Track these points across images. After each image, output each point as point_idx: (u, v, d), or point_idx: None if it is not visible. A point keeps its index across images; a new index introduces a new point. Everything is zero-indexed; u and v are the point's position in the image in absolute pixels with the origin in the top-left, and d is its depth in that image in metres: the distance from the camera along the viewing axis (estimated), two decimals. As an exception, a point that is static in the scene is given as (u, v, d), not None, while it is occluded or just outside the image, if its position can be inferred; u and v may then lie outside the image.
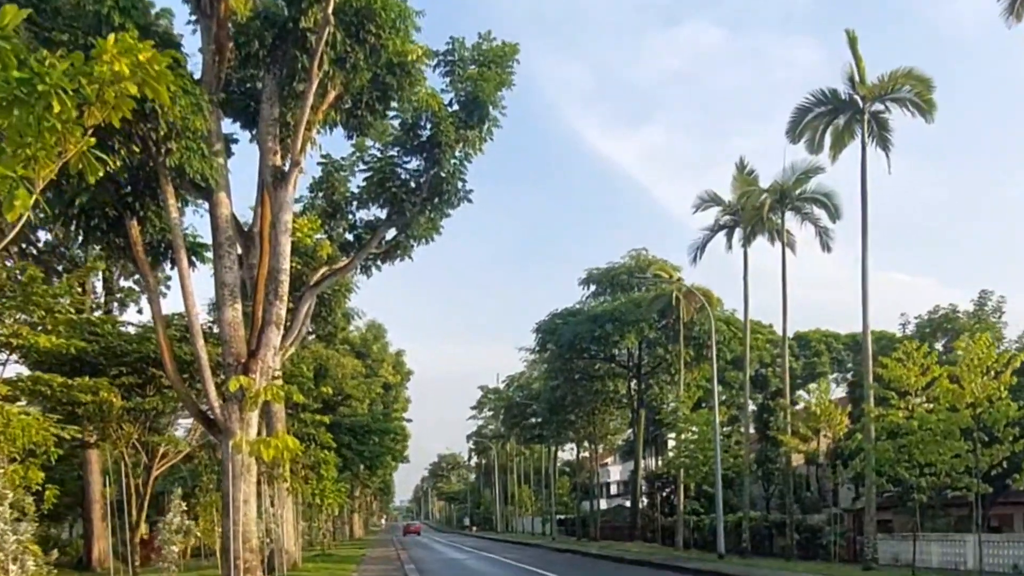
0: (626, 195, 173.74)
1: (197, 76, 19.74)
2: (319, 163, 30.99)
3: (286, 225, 20.26)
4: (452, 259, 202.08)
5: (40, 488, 17.12)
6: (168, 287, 35.62)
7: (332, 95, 21.38)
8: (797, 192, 41.59)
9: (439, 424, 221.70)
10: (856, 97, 36.42)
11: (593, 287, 61.64)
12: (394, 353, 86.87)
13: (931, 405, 27.84)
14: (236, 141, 26.17)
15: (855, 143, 36.22)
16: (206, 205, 20.64)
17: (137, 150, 18.14)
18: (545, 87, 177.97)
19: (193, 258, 22.22)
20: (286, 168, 20.47)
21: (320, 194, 31.50)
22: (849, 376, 66.59)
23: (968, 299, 55.90)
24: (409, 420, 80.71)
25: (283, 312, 20.18)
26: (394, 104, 23.31)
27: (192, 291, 19.14)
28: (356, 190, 29.93)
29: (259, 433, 20.60)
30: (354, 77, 21.71)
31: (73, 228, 19.85)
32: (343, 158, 30.54)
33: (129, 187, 19.38)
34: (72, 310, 25.32)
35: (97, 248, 36.94)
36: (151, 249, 20.99)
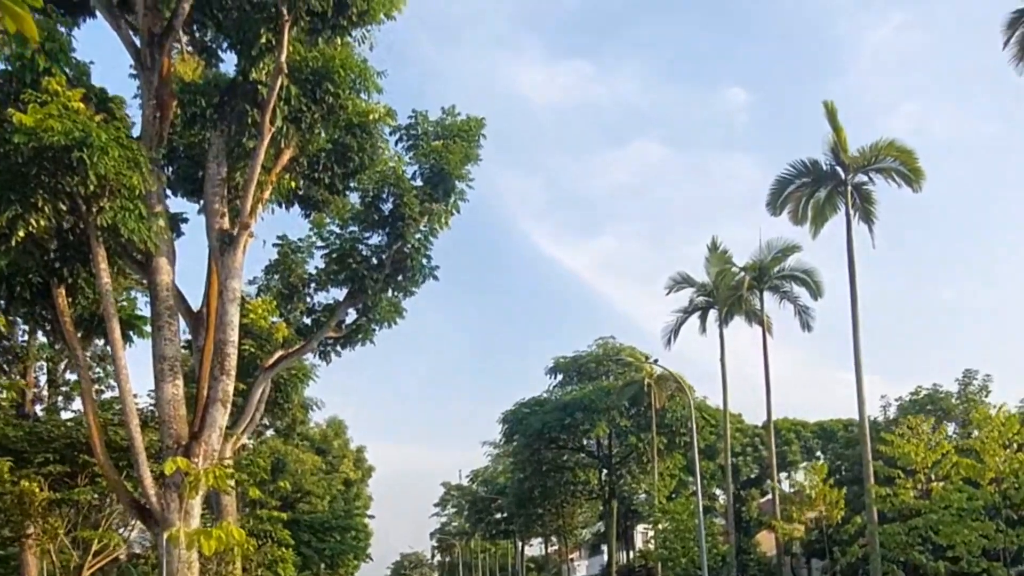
0: (582, 300, 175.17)
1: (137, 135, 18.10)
2: (275, 244, 29.41)
3: (234, 293, 18.40)
4: (413, 361, 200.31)
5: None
6: (102, 367, 33.30)
7: (286, 155, 19.75)
8: (776, 270, 40.42)
9: (401, 522, 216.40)
10: (838, 168, 35.45)
11: (560, 376, 60.03)
12: (355, 449, 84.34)
13: (941, 484, 26.07)
14: (186, 220, 24.76)
15: (836, 217, 35.21)
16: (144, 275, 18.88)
17: (64, 208, 16.34)
18: (503, 199, 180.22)
19: (131, 332, 20.28)
20: (235, 232, 18.68)
21: (276, 276, 29.85)
22: (817, 465, 65.26)
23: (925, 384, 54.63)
24: (371, 516, 77.82)
25: (230, 389, 18.18)
26: (353, 165, 21.65)
27: (125, 366, 17.12)
28: (314, 271, 28.45)
29: (204, 527, 18.47)
30: (310, 137, 20.16)
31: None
32: (300, 239, 29.03)
33: (56, 250, 17.51)
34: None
35: (41, 336, 35.02)
36: (82, 321, 19.05)
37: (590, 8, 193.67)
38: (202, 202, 19.93)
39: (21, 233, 15.78)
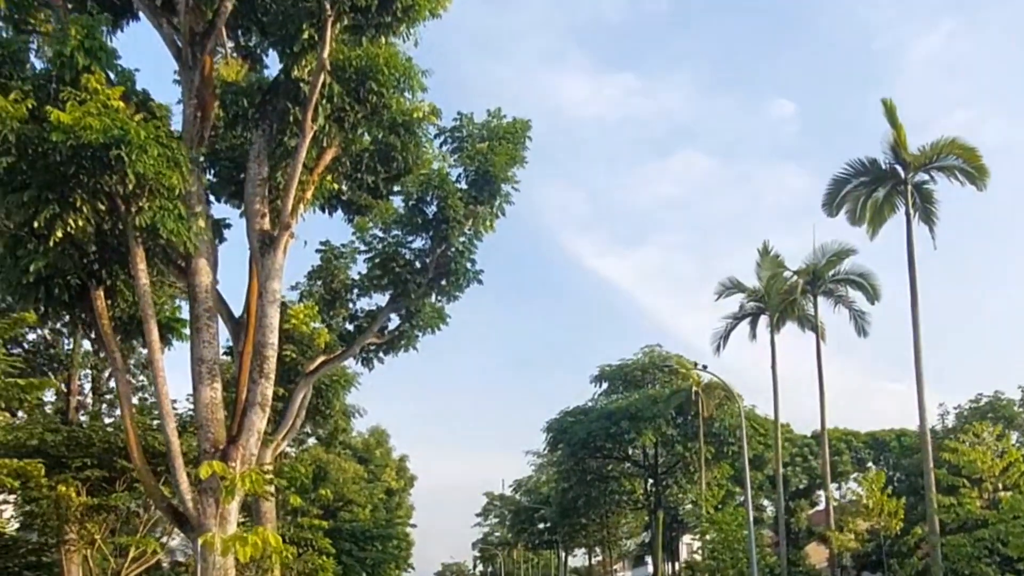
0: (624, 311, 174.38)
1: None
2: (317, 250, 29.20)
3: (274, 295, 18.00)
4: (456, 371, 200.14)
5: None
6: (145, 374, 33.21)
7: (329, 155, 19.33)
8: (830, 274, 39.36)
9: (442, 532, 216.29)
10: (897, 167, 34.45)
11: (605, 384, 59.27)
12: (397, 459, 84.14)
13: (1009, 493, 25.04)
14: (229, 226, 24.51)
15: (893, 219, 34.13)
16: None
17: (103, 207, 16.02)
18: (544, 212, 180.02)
19: (170, 335, 19.92)
20: (275, 233, 18.28)
21: (319, 281, 29.56)
22: (870, 475, 63.98)
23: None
24: (413, 525, 77.59)
25: (269, 392, 17.77)
26: (396, 165, 21.20)
27: (162, 368, 16.76)
28: (356, 277, 28.07)
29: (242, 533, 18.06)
30: (353, 137, 19.76)
31: (32, 300, 17.48)
32: (343, 244, 28.72)
33: (95, 252, 17.20)
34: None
35: (86, 344, 34.94)
36: (120, 324, 18.71)
37: (635, 22, 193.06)
38: (243, 204, 19.58)
39: (59, 233, 15.47)
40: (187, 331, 18.85)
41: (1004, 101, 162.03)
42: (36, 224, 15.21)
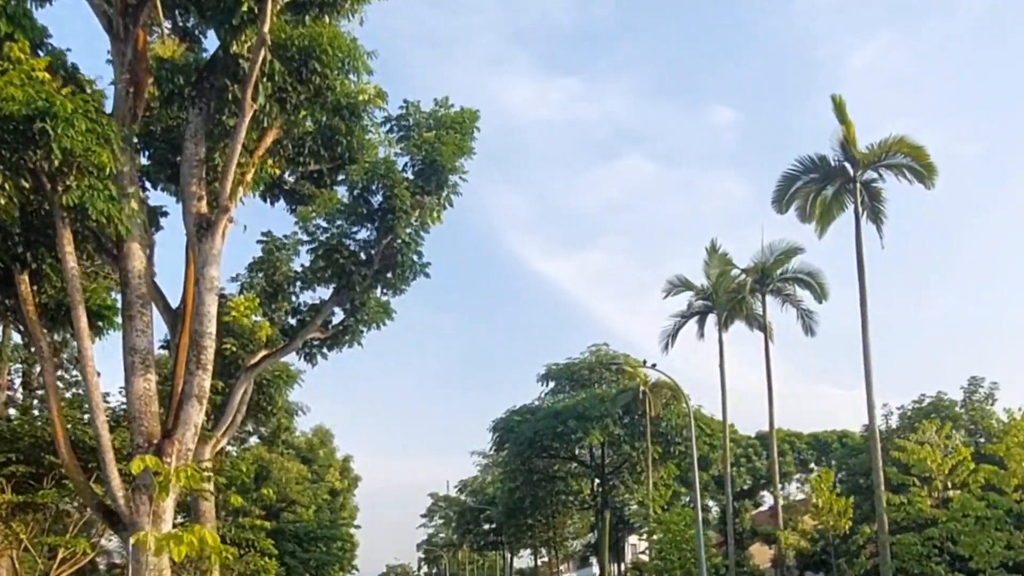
0: (569, 313, 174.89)
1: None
2: (259, 241, 28.26)
3: (212, 282, 17.12)
4: (399, 372, 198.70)
5: None
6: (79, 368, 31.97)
7: (270, 137, 18.46)
8: (778, 272, 39.15)
9: (387, 534, 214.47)
10: (846, 165, 34.31)
11: (552, 384, 58.71)
12: (341, 459, 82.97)
13: (958, 492, 24.86)
14: (165, 214, 23.61)
15: (842, 218, 33.92)
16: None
17: (27, 186, 15.11)
18: (490, 214, 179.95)
19: (101, 324, 18.97)
20: (213, 216, 17.41)
21: (260, 274, 28.61)
22: (812, 476, 64.23)
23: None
24: (358, 527, 76.41)
25: (207, 385, 16.88)
26: (341, 149, 20.44)
27: (91, 357, 15.82)
28: (299, 269, 27.26)
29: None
30: (295, 119, 18.92)
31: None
32: (285, 236, 27.84)
33: (19, 234, 16.24)
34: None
35: (16, 337, 33.61)
36: (47, 311, 17.77)
37: (581, 27, 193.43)
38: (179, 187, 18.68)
39: (-22, 213, 14.56)
40: (119, 320, 17.92)
41: (940, 111, 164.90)
42: (-47, 201, 14.22)
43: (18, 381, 37.08)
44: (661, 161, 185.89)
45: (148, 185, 22.27)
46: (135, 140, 19.22)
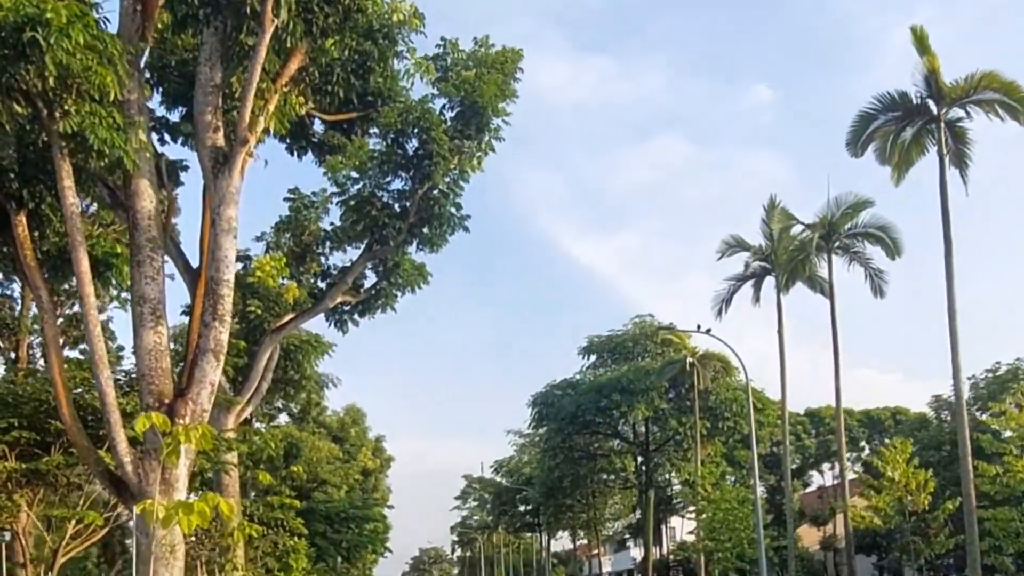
0: (602, 295, 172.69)
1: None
2: (286, 199, 26.59)
3: (229, 223, 15.19)
4: (431, 354, 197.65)
5: None
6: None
7: (294, 63, 16.43)
8: (846, 227, 36.51)
9: (419, 517, 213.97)
10: (929, 102, 31.64)
11: (593, 357, 56.48)
12: (373, 439, 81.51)
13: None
14: (186, 168, 21.91)
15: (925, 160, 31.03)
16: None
17: (21, 110, 13.27)
18: (523, 194, 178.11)
19: (108, 273, 17.15)
20: (231, 149, 15.50)
21: (287, 234, 26.90)
22: (863, 455, 61.92)
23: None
24: (391, 507, 74.92)
25: (224, 338, 14.99)
26: (373, 78, 18.45)
27: (93, 304, 13.97)
28: (328, 229, 25.54)
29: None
30: (322, 44, 16.89)
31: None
32: (314, 193, 26.15)
33: (15, 170, 14.41)
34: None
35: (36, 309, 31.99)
36: (48, 258, 15.97)
37: (614, 5, 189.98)
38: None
39: (-34, 138, 12.72)
40: (128, 270, 16.13)
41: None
42: (-64, 127, 12.37)
43: (39, 354, 35.61)
44: (696, 141, 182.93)
45: (167, 138, 20.68)
46: (146, 71, 17.46)
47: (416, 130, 20.85)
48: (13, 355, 31.57)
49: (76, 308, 28.15)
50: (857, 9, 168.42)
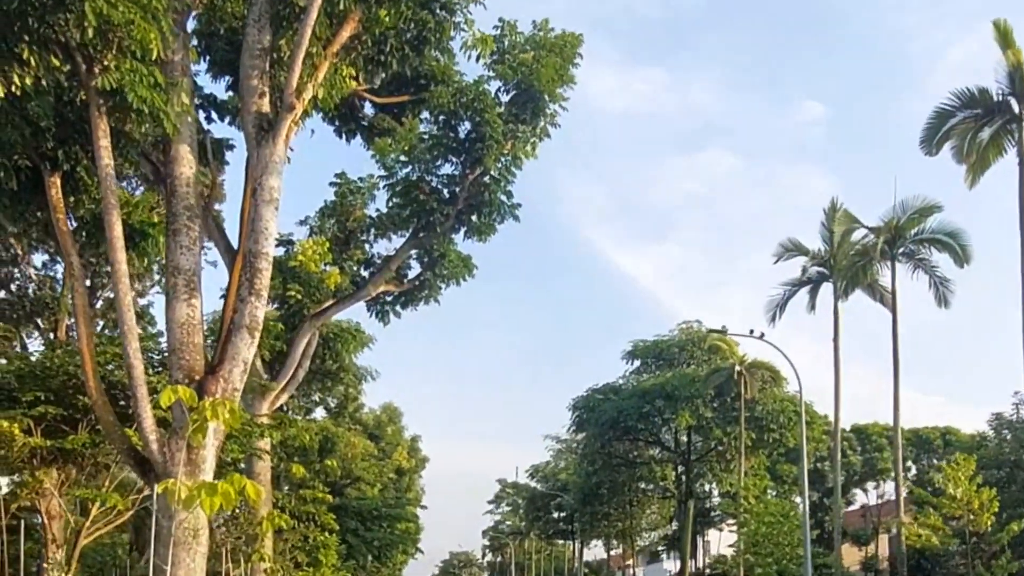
0: (642, 307, 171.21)
1: None
2: (332, 183, 25.92)
3: (271, 193, 14.39)
4: (469, 358, 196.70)
5: None
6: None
7: (346, 30, 15.57)
8: (912, 232, 34.99)
9: (450, 519, 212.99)
10: (1011, 100, 30.16)
11: (637, 362, 55.37)
12: (409, 438, 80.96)
13: None
14: (232, 147, 21.22)
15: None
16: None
17: (58, 64, 12.55)
18: (566, 203, 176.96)
19: (143, 243, 16.44)
20: (275, 116, 14.72)
21: (332, 220, 26.25)
22: (911, 474, 60.38)
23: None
24: (424, 507, 74.23)
25: (260, 314, 14.20)
26: (428, 49, 17.60)
27: (125, 273, 13.17)
28: (374, 215, 24.83)
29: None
30: (376, 16, 16.08)
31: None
32: (360, 178, 25.49)
33: (51, 130, 13.69)
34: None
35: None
36: (83, 225, 15.29)
37: (668, 17, 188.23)
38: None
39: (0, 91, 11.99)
40: (163, 240, 15.39)
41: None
42: (-31, 78, 11.68)
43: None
44: (743, 155, 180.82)
45: (214, 116, 20.01)
46: (193, 38, 16.79)
47: (469, 112, 20.12)
48: (52, 336, 31.21)
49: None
50: (913, 24, 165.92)
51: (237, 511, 20.04)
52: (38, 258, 29.77)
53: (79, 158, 14.17)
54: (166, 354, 16.46)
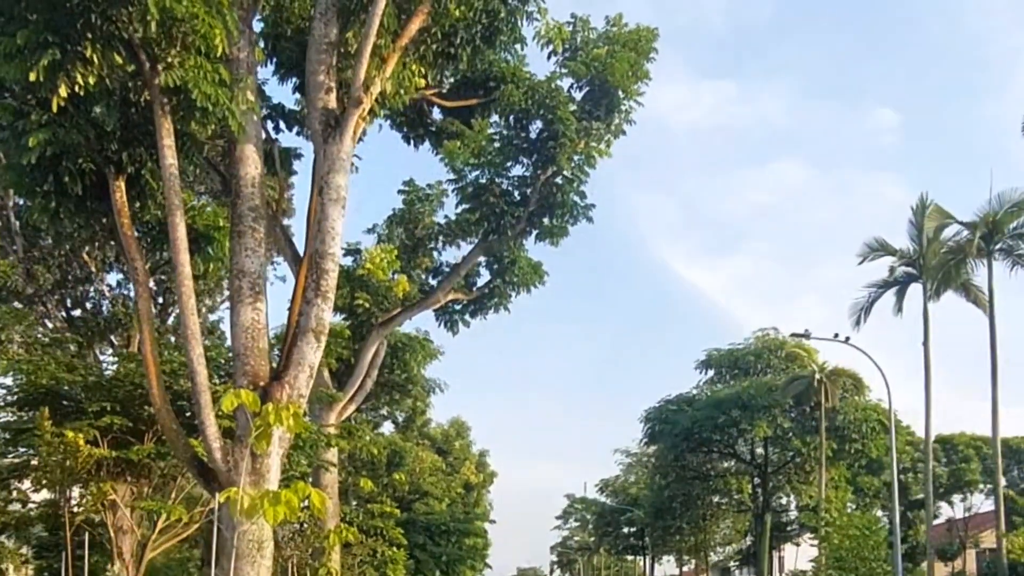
0: (714, 321, 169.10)
1: None
2: (400, 191, 25.63)
3: (338, 191, 13.88)
4: (538, 375, 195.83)
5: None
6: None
7: (416, 23, 15.03)
8: (1011, 226, 33.32)
9: (518, 535, 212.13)
10: None
11: (711, 372, 54.23)
12: (477, 453, 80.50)
13: None
14: (300, 156, 20.99)
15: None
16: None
17: (121, 62, 12.14)
18: (634, 218, 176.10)
19: (208, 249, 16.04)
20: (343, 111, 14.23)
21: (400, 228, 25.93)
22: (1002, 485, 58.34)
23: None
24: (493, 522, 73.62)
25: (327, 317, 13.68)
26: (500, 41, 17.03)
27: (188, 275, 12.72)
28: (443, 223, 24.45)
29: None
30: (446, 8, 15.52)
31: (37, 190, 13.64)
32: (429, 185, 25.18)
33: (115, 132, 13.32)
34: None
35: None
36: (147, 230, 14.93)
37: (735, 28, 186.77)
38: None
39: (63, 91, 11.56)
40: (229, 244, 14.94)
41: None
42: (33, 76, 11.29)
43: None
44: (814, 164, 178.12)
45: (283, 126, 19.74)
46: (260, 40, 16.46)
47: (541, 110, 19.74)
48: (125, 351, 31.30)
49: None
50: (992, 27, 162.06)
51: (304, 524, 19.63)
52: (113, 278, 29.84)
53: (144, 161, 13.76)
54: (231, 361, 16.06)
